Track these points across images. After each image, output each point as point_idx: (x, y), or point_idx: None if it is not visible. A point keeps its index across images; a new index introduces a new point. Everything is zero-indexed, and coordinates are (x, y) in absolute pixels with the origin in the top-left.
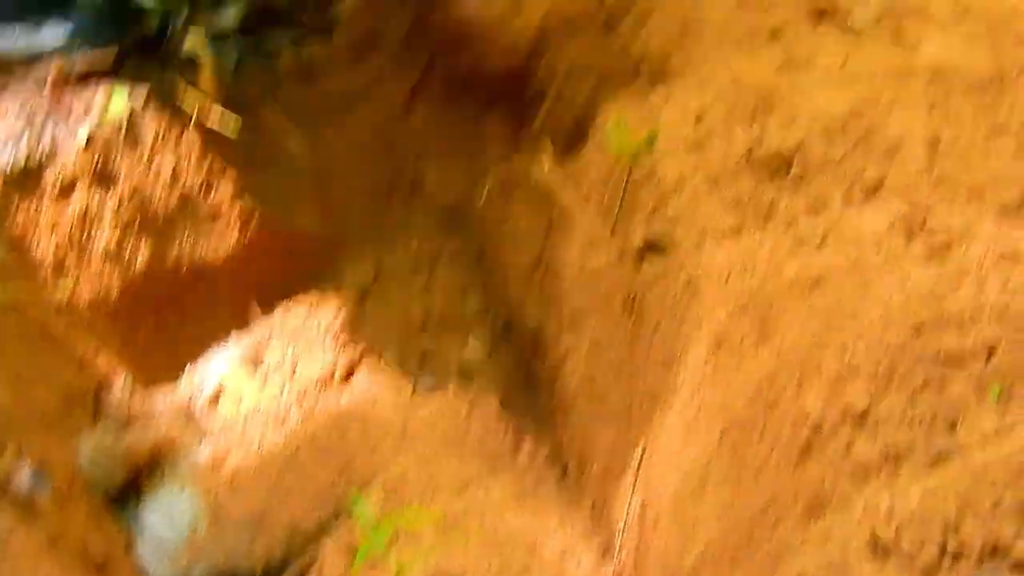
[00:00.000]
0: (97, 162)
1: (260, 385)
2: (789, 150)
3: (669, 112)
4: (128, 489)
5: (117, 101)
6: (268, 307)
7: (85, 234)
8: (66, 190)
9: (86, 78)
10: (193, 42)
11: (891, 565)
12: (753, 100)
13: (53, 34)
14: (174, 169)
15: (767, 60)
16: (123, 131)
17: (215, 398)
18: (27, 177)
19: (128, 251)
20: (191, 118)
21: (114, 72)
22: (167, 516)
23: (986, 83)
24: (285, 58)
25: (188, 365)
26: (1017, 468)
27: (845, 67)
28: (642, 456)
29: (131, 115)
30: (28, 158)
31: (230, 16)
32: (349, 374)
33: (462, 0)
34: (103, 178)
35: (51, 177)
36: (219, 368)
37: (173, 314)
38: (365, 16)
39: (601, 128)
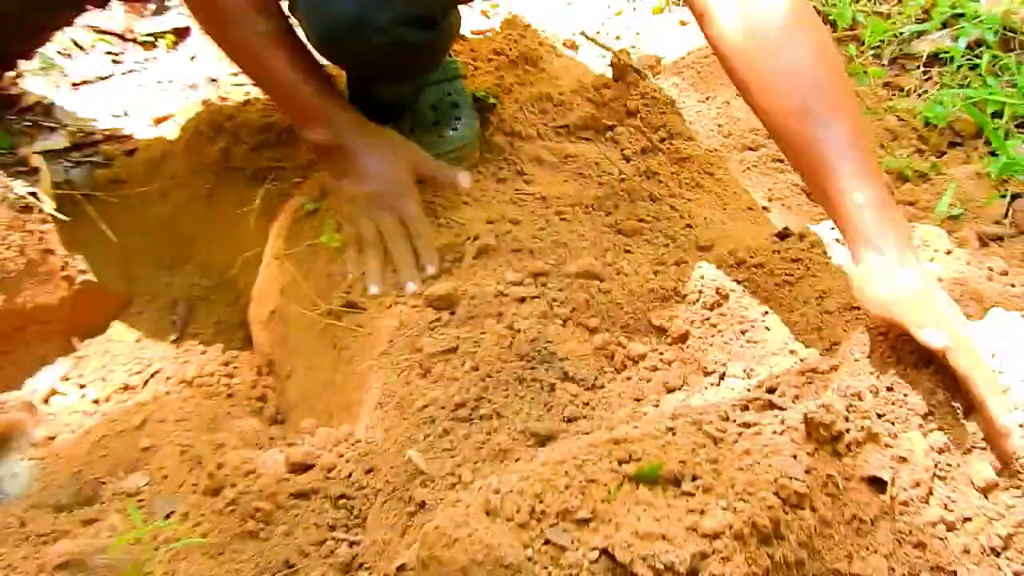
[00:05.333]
0: None
1: (79, 390)
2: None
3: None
4: None
5: None
6: (87, 338)
7: None
8: None
9: None
10: (33, 158)
11: None
12: None
13: None
14: (21, 244)
15: None
16: None
17: (47, 398)
18: None
19: None
20: (35, 209)
21: None
22: (11, 477)
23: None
24: (101, 171)
25: (29, 376)
26: None
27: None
28: None
29: None
30: None
31: (60, 141)
32: (144, 382)
33: None
34: None
35: None
36: (51, 378)
37: (19, 342)
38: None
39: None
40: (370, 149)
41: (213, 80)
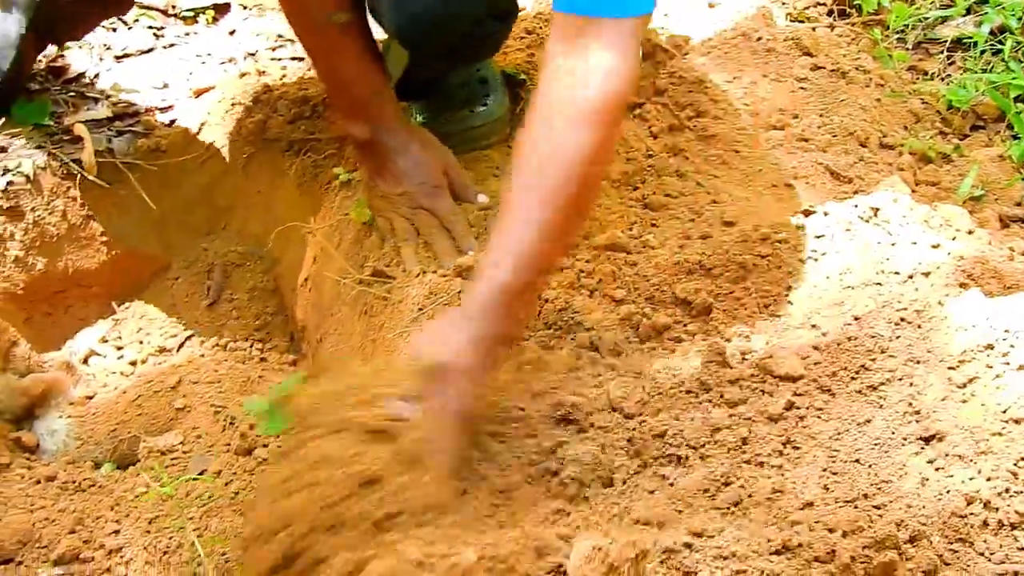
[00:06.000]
0: (11, 202)
1: (117, 351)
2: None
3: None
4: (26, 416)
5: (25, 163)
6: (125, 301)
7: (2, 248)
8: None
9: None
10: (77, 127)
11: None
12: None
13: None
14: (64, 209)
15: None
16: (30, 183)
17: (86, 359)
18: None
19: (30, 261)
20: (77, 176)
21: None
22: (50, 434)
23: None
24: (141, 141)
25: (69, 338)
26: None
27: None
28: None
29: (35, 172)
30: None
31: (103, 112)
32: (180, 345)
33: None
34: (14, 213)
35: None
36: (90, 339)
37: (60, 304)
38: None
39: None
40: (405, 149)
41: (251, 54)
